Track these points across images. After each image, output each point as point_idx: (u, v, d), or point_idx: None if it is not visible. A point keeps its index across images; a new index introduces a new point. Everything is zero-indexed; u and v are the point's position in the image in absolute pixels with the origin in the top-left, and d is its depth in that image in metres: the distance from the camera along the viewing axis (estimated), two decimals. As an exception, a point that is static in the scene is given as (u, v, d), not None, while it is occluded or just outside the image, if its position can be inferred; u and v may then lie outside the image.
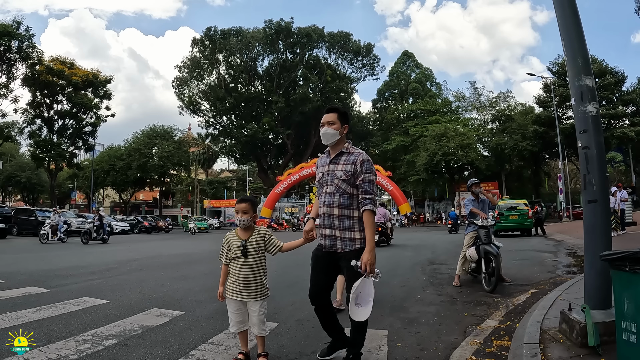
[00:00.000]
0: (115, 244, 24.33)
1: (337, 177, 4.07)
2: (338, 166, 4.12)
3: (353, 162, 4.06)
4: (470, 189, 9.29)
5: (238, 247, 4.18)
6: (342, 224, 4.03)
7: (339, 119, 4.21)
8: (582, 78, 4.52)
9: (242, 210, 4.23)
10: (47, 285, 8.96)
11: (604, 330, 4.02)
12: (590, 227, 4.46)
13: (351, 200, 4.03)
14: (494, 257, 8.00)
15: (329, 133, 4.16)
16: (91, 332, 5.36)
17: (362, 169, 4.00)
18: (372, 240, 3.88)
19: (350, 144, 4.26)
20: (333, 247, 4.08)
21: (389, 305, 7.06)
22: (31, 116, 53.35)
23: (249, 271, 4.16)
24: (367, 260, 3.77)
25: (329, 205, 4.08)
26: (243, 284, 4.15)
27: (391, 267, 12.11)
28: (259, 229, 4.31)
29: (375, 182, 4.06)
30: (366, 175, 3.99)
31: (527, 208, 24.57)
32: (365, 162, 4.03)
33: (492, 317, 6.12)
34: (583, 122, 4.48)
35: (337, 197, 4.05)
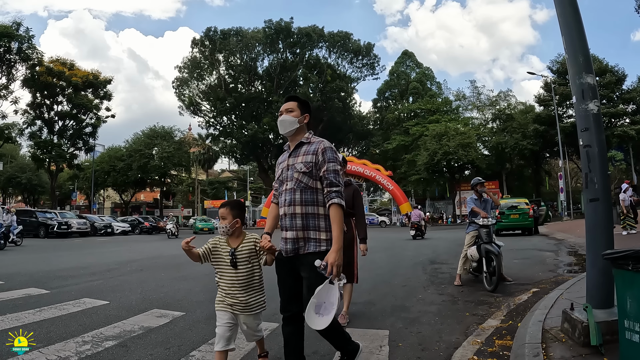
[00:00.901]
0: (116, 245, 24.33)
1: (297, 170, 3.57)
2: (298, 158, 3.63)
3: (314, 151, 3.58)
4: (474, 188, 9.27)
5: (227, 256, 3.73)
6: (305, 223, 3.50)
7: (298, 107, 3.77)
8: (583, 76, 4.50)
9: (220, 216, 3.80)
10: (47, 287, 8.96)
11: (606, 329, 3.99)
12: (592, 226, 4.43)
13: (315, 195, 3.53)
14: (495, 256, 7.97)
15: (287, 120, 3.70)
16: (91, 333, 5.35)
17: (324, 158, 3.52)
18: (340, 239, 3.35)
19: (312, 135, 3.80)
20: (296, 251, 3.54)
21: (390, 305, 7.06)
22: (31, 117, 53.40)
23: (241, 284, 3.72)
24: (334, 260, 3.25)
25: (289, 204, 3.56)
26: (235, 299, 3.72)
27: (392, 267, 12.13)
28: (249, 236, 3.82)
29: (340, 172, 3.57)
30: (330, 165, 3.50)
31: (528, 207, 24.53)
32: (327, 150, 3.56)
33: (494, 317, 6.10)
34: (584, 120, 4.46)
35: (298, 194, 3.53)
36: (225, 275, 3.75)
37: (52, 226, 33.02)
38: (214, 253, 3.80)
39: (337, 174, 3.52)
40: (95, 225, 39.17)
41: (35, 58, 49.55)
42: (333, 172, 3.50)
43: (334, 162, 3.54)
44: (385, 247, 18.82)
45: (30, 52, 48.77)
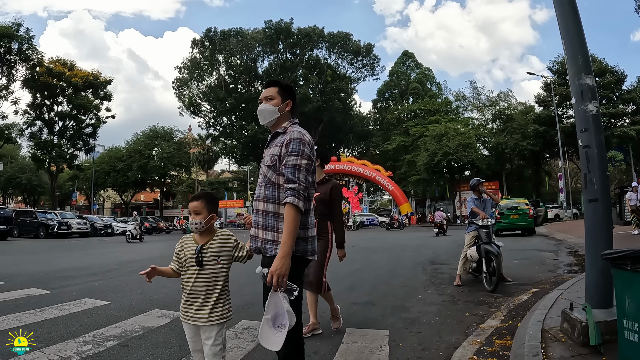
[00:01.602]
0: (115, 245, 24.33)
1: (265, 162, 3.24)
2: (269, 150, 3.28)
3: (282, 143, 3.17)
4: (474, 189, 9.29)
5: (192, 254, 3.18)
6: (265, 221, 3.17)
7: (279, 94, 3.37)
8: (582, 77, 4.52)
9: (193, 211, 3.25)
10: (48, 287, 8.97)
11: (605, 329, 4.01)
12: (591, 226, 4.45)
13: (277, 192, 3.15)
14: (494, 256, 7.99)
15: (266, 110, 3.33)
16: (92, 334, 5.37)
17: (287, 151, 3.10)
18: (288, 244, 2.91)
19: (292, 123, 3.36)
20: (258, 251, 3.22)
21: (390, 305, 7.07)
22: (31, 118, 53.27)
23: (203, 285, 3.14)
24: (275, 269, 2.84)
25: (256, 199, 3.27)
26: (195, 303, 3.14)
27: (392, 267, 12.15)
28: (220, 232, 3.32)
29: (304, 167, 3.09)
30: (289, 159, 3.07)
31: (527, 208, 24.56)
32: (292, 141, 3.12)
33: (494, 317, 6.12)
34: (583, 121, 4.48)
35: (262, 189, 3.21)
36: (189, 277, 3.19)
37: (52, 227, 32.99)
38: (183, 256, 3.26)
39: (297, 169, 3.05)
40: (96, 225, 39.17)
41: (35, 59, 49.48)
42: (291, 167, 3.05)
43: (296, 156, 3.08)
44: (386, 248, 18.84)
45: (31, 53, 48.70)
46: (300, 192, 3.01)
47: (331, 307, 5.88)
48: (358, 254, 15.90)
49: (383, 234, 32.82)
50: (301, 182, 3.03)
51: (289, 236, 2.92)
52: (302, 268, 3.24)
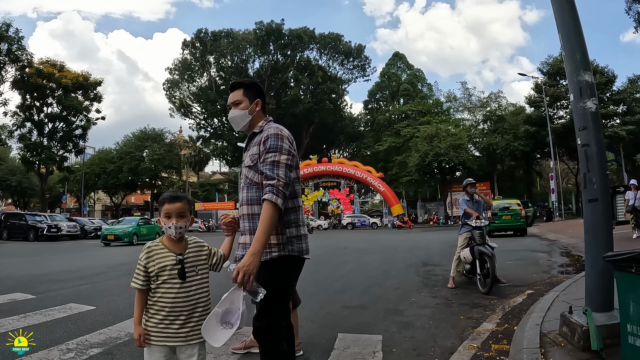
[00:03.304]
0: (105, 248, 24.09)
1: (245, 164, 3.11)
2: (248, 152, 3.15)
3: (259, 141, 3.05)
4: (465, 189, 9.18)
5: (173, 265, 2.79)
6: (252, 225, 2.97)
7: (245, 95, 3.21)
8: (580, 73, 4.39)
9: (176, 214, 2.85)
10: (34, 291, 8.76)
11: (606, 333, 3.89)
12: (591, 227, 4.32)
13: (260, 192, 2.96)
14: (488, 258, 7.87)
15: (236, 116, 3.20)
16: (76, 341, 5.20)
17: (265, 148, 2.96)
18: (260, 241, 2.74)
19: (268, 122, 3.22)
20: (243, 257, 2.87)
21: (383, 309, 6.92)
22: (21, 119, 52.79)
23: (185, 300, 2.77)
24: (242, 265, 2.65)
25: (240, 204, 3.12)
26: (176, 322, 2.75)
27: (385, 269, 12.00)
28: (192, 239, 2.99)
29: (284, 163, 2.92)
30: (268, 156, 2.93)
31: (519, 208, 24.53)
32: (270, 137, 2.98)
33: (489, 320, 5.98)
34: (582, 118, 4.34)
35: (245, 191, 3.07)
36: (168, 293, 2.76)
37: (42, 229, 32.65)
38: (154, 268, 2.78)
39: (276, 166, 2.90)
40: (86, 228, 38.83)
41: (24, 59, 49.03)
42: (270, 164, 2.91)
43: (274, 152, 2.94)
44: (377, 249, 18.71)
45: (20, 54, 48.20)
46: (280, 188, 2.84)
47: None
48: (350, 256, 15.81)
49: (374, 235, 32.69)
50: (280, 178, 2.86)
51: (263, 233, 2.76)
52: (299, 268, 3.16)
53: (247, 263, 2.65)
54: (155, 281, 2.77)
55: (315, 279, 10.08)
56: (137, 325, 2.78)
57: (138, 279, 2.78)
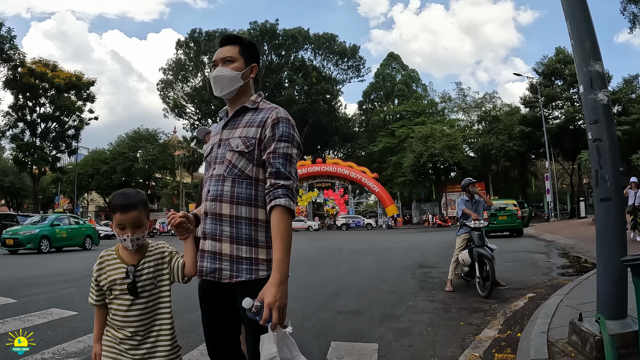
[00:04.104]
0: (96, 250, 23.71)
1: (232, 147, 2.34)
2: (236, 131, 2.38)
3: (261, 122, 2.33)
4: (465, 189, 8.89)
5: (123, 279, 2.31)
6: (236, 232, 2.25)
7: (241, 55, 2.47)
8: (591, 63, 4.08)
9: (131, 224, 2.32)
10: (16, 295, 8.42)
11: (620, 342, 3.59)
12: (604, 228, 4.01)
13: (254, 189, 2.29)
14: (488, 260, 7.59)
15: (226, 76, 2.42)
16: (52, 349, 4.88)
17: (274, 134, 2.28)
18: (285, 263, 2.12)
19: (263, 98, 2.54)
20: (216, 272, 2.27)
21: (378, 314, 6.60)
22: (13, 119, 52.54)
23: (139, 318, 2.30)
24: (274, 299, 2.00)
25: (214, 198, 2.32)
26: (132, 341, 2.30)
27: (380, 271, 11.70)
28: (154, 245, 2.48)
29: (295, 159, 2.33)
30: (280, 145, 2.27)
31: (516, 209, 24.33)
32: (281, 121, 2.32)
33: (490, 326, 5.67)
34: (593, 111, 4.03)
35: (229, 184, 2.30)
36: (120, 310, 2.31)
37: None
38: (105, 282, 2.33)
39: (290, 161, 2.29)
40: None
41: (17, 59, 48.76)
42: (283, 157, 2.26)
43: (288, 143, 2.30)
44: (372, 251, 18.44)
45: (12, 53, 47.92)
46: (294, 191, 2.26)
47: None
48: (344, 257, 15.54)
49: (369, 236, 32.44)
50: (294, 178, 2.28)
51: (286, 253, 2.13)
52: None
53: (277, 296, 2.02)
54: (109, 296, 2.33)
55: (307, 283, 9.80)
56: (95, 343, 2.39)
57: (92, 294, 2.39)
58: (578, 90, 39.09)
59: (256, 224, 2.27)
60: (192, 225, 2.47)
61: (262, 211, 2.27)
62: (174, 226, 2.39)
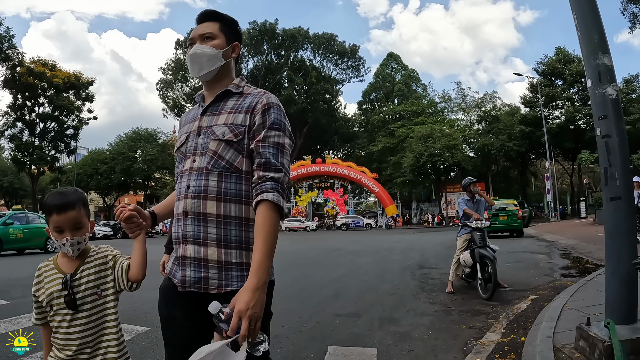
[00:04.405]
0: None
1: (216, 136, 2.02)
2: (219, 117, 2.07)
3: (249, 107, 2.05)
4: (466, 189, 8.72)
5: (60, 290, 1.99)
6: (224, 234, 1.95)
7: (222, 31, 2.18)
8: (599, 56, 3.91)
9: (70, 225, 2.03)
10: (8, 297, 8.25)
11: (630, 348, 3.44)
12: (613, 229, 3.81)
13: (244, 184, 2.01)
14: (490, 261, 7.42)
15: (204, 54, 2.11)
16: (40, 353, 4.68)
17: (264, 121, 2.01)
18: (266, 267, 1.82)
19: (246, 82, 2.24)
20: (201, 282, 1.94)
21: (377, 317, 6.40)
22: (12, 119, 52.36)
23: (85, 335, 2.00)
24: (246, 306, 1.70)
25: (196, 195, 1.99)
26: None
27: (379, 272, 11.52)
28: (95, 250, 2.18)
29: (287, 150, 2.05)
30: (272, 134, 2.00)
31: (516, 209, 24.15)
32: (273, 107, 2.06)
33: (493, 330, 5.50)
34: (602, 106, 3.85)
35: (214, 179, 1.98)
36: (61, 327, 1.99)
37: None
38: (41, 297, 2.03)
39: (282, 152, 2.02)
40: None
41: (15, 58, 48.59)
42: (274, 146, 1.99)
43: (280, 131, 2.03)
44: (372, 251, 18.25)
45: (11, 53, 47.76)
46: (285, 185, 1.99)
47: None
48: (343, 258, 15.37)
49: (369, 236, 32.26)
50: (286, 171, 2.00)
51: (267, 255, 1.83)
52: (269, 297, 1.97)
53: (250, 303, 1.71)
54: (49, 313, 2.02)
55: (305, 284, 9.65)
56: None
57: (34, 313, 2.08)
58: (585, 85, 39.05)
59: (247, 224, 1.98)
60: (145, 221, 2.17)
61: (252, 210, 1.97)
62: (123, 220, 2.05)
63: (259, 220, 1.87)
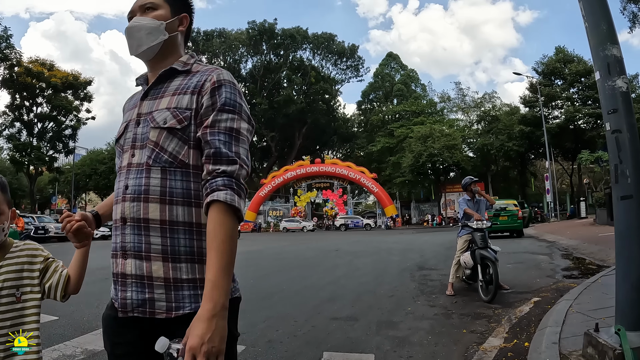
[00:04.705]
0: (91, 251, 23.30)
1: (157, 123, 1.64)
2: (161, 101, 1.69)
3: (196, 87, 1.66)
4: (466, 188, 8.51)
5: None
6: (171, 244, 1.58)
7: (166, 1, 1.82)
8: (608, 47, 3.71)
9: None
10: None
11: (642, 357, 3.21)
12: (624, 230, 3.59)
13: (192, 182, 1.63)
14: (491, 262, 7.21)
15: (144, 27, 1.76)
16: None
17: (214, 102, 1.62)
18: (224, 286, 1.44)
19: (196, 59, 1.85)
20: (146, 305, 1.57)
21: (375, 321, 6.19)
22: (10, 119, 52.10)
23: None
24: (197, 343, 1.34)
25: (135, 198, 1.62)
26: None
27: (378, 274, 11.29)
28: (19, 245, 1.90)
29: (244, 136, 1.65)
30: (221, 117, 1.61)
31: (516, 209, 23.94)
32: (225, 85, 1.64)
33: (495, 334, 5.29)
34: (612, 99, 3.64)
35: (156, 176, 1.62)
36: None
37: (29, 231, 31.75)
38: None
39: (237, 139, 1.62)
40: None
41: (13, 58, 48.39)
42: (226, 133, 1.60)
43: (234, 114, 1.63)
44: (371, 252, 18.03)
45: (9, 52, 47.57)
46: (241, 180, 1.57)
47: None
48: (341, 259, 15.16)
49: (368, 237, 32.03)
50: (243, 163, 1.59)
51: (223, 271, 1.44)
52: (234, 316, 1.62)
53: (205, 336, 1.34)
54: None
55: (302, 286, 9.45)
56: None
57: None
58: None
59: (199, 230, 1.60)
60: (93, 228, 1.87)
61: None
62: (71, 233, 1.78)
63: (210, 228, 1.49)
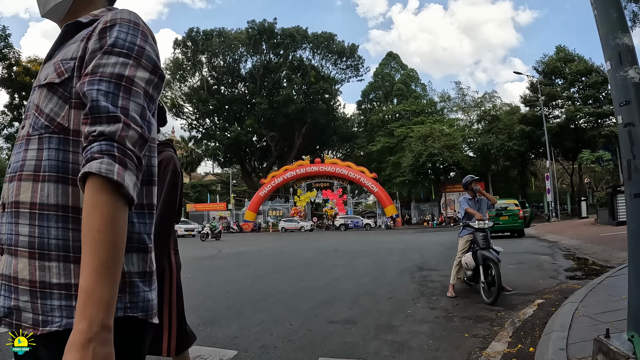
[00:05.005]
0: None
1: (39, 82, 1.29)
2: (52, 59, 1.33)
3: (87, 34, 1.29)
4: (467, 187, 8.29)
5: None
6: (39, 234, 1.17)
7: None
8: (618, 35, 3.49)
9: None
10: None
11: (657, 365, 2.99)
12: (637, 229, 3.37)
13: (71, 152, 1.21)
14: (493, 263, 6.99)
15: None
16: None
17: (102, 45, 1.22)
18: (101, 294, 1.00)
19: (114, 10, 1.38)
20: (12, 315, 1.24)
21: (373, 324, 5.96)
22: (9, 119, 51.92)
23: None
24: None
25: (13, 177, 1.25)
26: None
27: (377, 275, 11.08)
28: None
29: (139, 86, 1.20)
30: (107, 61, 1.18)
31: (517, 209, 23.72)
32: (119, 23, 1.25)
33: (498, 339, 5.06)
34: (623, 91, 3.41)
35: (33, 147, 1.23)
36: None
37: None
38: None
39: (125, 89, 1.17)
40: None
41: (12, 58, 48.22)
42: (109, 81, 1.16)
43: (126, 57, 1.21)
44: (370, 252, 17.82)
45: (7, 52, 47.41)
46: (129, 145, 1.11)
47: None
48: (340, 259, 14.95)
49: (368, 237, 31.83)
50: (132, 119, 1.15)
51: (102, 275, 1.02)
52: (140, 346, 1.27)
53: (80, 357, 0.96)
54: None
55: (299, 288, 9.23)
56: None
57: None
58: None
59: (76, 218, 1.17)
60: None
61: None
62: None
63: (84, 213, 1.06)
